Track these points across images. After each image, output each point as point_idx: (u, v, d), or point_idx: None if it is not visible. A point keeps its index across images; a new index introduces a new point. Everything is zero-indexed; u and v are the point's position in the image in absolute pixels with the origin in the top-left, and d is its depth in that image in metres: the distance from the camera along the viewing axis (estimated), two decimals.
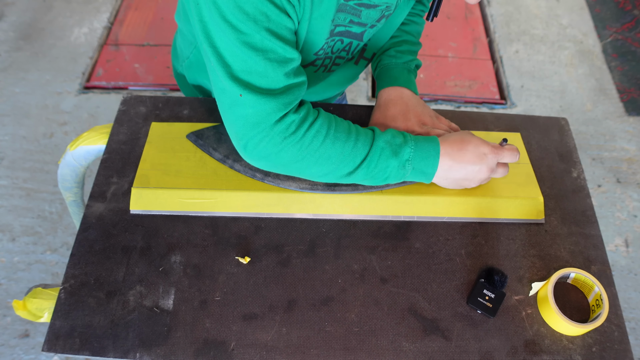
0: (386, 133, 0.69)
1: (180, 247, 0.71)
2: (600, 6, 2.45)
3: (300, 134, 0.64)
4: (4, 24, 2.23)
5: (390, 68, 0.83)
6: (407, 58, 0.84)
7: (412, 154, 0.68)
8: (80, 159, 0.87)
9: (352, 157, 0.66)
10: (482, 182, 0.74)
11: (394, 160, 0.67)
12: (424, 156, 0.69)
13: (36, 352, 1.40)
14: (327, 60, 0.79)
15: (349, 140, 0.66)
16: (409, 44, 0.87)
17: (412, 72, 0.84)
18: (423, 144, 0.69)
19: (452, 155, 0.70)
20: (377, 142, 0.67)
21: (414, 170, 0.69)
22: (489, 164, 0.71)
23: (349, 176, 0.68)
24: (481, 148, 0.70)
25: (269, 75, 0.61)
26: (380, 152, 0.67)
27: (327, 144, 0.65)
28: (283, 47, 0.61)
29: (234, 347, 0.63)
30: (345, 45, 0.77)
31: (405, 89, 0.80)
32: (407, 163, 0.68)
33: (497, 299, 0.67)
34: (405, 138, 0.69)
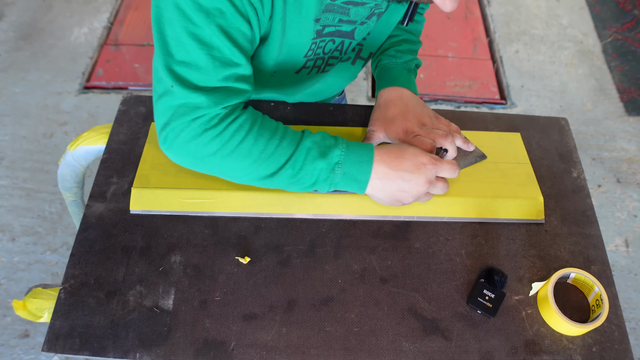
0: (316, 134, 0.66)
1: (180, 247, 0.71)
2: (600, 6, 2.45)
3: (221, 127, 0.61)
4: (4, 24, 2.23)
5: (390, 68, 0.83)
6: (407, 58, 0.84)
7: (343, 157, 0.64)
8: (80, 159, 0.87)
9: (276, 156, 0.63)
10: (420, 197, 0.68)
11: (322, 162, 0.64)
12: (356, 161, 0.64)
13: (36, 352, 1.40)
14: (319, 61, 0.79)
15: (273, 139, 0.63)
16: (408, 43, 0.86)
17: (412, 72, 0.84)
18: (356, 148, 0.66)
19: (388, 163, 0.65)
20: (304, 142, 0.64)
21: (344, 176, 0.65)
22: (428, 175, 0.66)
23: (272, 178, 0.64)
24: (420, 158, 0.66)
25: (208, 72, 0.60)
26: (306, 153, 0.63)
27: (248, 140, 0.62)
28: (231, 49, 0.60)
29: (234, 347, 0.63)
30: (337, 45, 0.77)
31: (405, 89, 0.80)
32: (336, 167, 0.64)
33: (497, 299, 0.67)
34: (336, 141, 0.65)
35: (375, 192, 0.67)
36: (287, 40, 0.68)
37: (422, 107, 0.79)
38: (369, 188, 0.67)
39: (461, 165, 0.79)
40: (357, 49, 0.84)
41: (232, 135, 0.62)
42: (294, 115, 0.85)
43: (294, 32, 0.67)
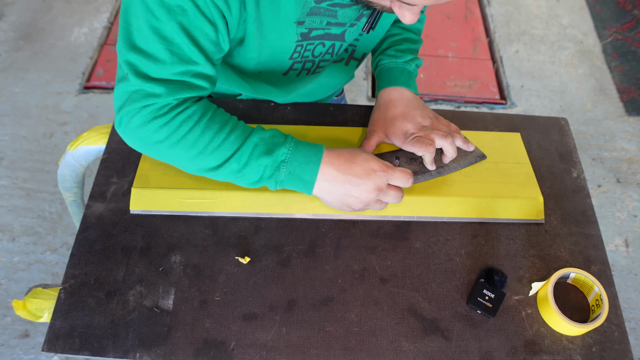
0: (267, 131, 0.65)
1: (180, 247, 0.71)
2: (600, 6, 2.45)
3: (169, 116, 0.62)
4: (4, 24, 2.23)
5: (390, 68, 0.82)
6: (408, 57, 0.84)
7: (289, 155, 0.64)
8: (80, 159, 0.87)
9: (222, 149, 0.63)
10: (369, 204, 0.67)
11: (267, 159, 0.63)
12: (303, 161, 0.64)
13: (36, 352, 1.40)
14: (308, 63, 0.78)
15: (221, 132, 0.63)
16: (408, 42, 0.85)
17: (413, 72, 0.83)
18: (305, 148, 0.65)
19: (337, 166, 0.64)
20: (251, 138, 0.64)
21: (290, 174, 0.64)
22: (377, 182, 0.65)
23: (217, 170, 0.64)
24: (370, 163, 0.65)
25: (164, 65, 0.61)
26: (253, 148, 0.63)
27: (196, 130, 0.63)
28: (190, 47, 0.60)
29: (234, 347, 0.63)
30: (327, 47, 0.77)
31: (406, 90, 0.80)
32: (282, 165, 0.64)
33: (497, 299, 0.67)
34: (286, 139, 0.65)
35: (323, 194, 0.67)
36: (267, 42, 0.68)
37: (423, 108, 0.79)
38: (317, 189, 0.66)
39: (461, 165, 0.79)
40: (351, 50, 0.83)
41: (179, 125, 0.63)
42: (294, 115, 0.85)
43: (275, 34, 0.67)
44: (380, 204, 0.68)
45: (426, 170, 0.77)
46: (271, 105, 0.86)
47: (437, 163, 0.78)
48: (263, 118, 0.85)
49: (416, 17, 0.57)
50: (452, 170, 0.78)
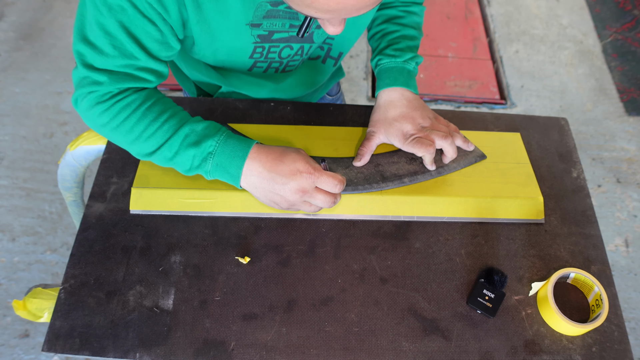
0: (201, 123, 0.68)
1: (180, 247, 0.71)
2: (600, 6, 2.45)
3: (109, 103, 0.67)
4: (4, 24, 2.23)
5: (390, 68, 0.82)
6: (407, 56, 0.83)
7: (217, 148, 0.66)
8: (80, 159, 0.87)
9: (155, 137, 0.67)
10: (296, 204, 0.67)
11: (195, 150, 0.66)
12: (230, 154, 0.66)
13: (36, 352, 1.40)
14: (275, 63, 0.78)
15: (156, 121, 0.67)
16: (407, 39, 0.84)
17: (413, 71, 0.83)
18: (234, 142, 0.66)
19: (264, 163, 0.65)
20: (183, 129, 0.66)
21: (217, 166, 0.66)
22: (302, 183, 0.64)
23: (152, 156, 0.68)
24: (298, 164, 0.65)
25: (108, 58, 0.64)
26: (183, 139, 0.66)
27: (132, 119, 0.67)
28: (131, 45, 0.64)
29: (233, 347, 0.63)
30: (296, 50, 0.76)
31: (405, 90, 0.80)
32: (209, 156, 0.66)
33: (497, 299, 0.67)
34: (217, 132, 0.67)
35: (250, 188, 0.68)
36: (220, 43, 0.70)
37: (422, 109, 0.79)
38: (244, 183, 0.67)
39: (461, 165, 0.79)
40: (326, 49, 0.83)
41: (118, 112, 0.67)
42: (294, 115, 0.85)
43: (226, 35, 0.69)
44: (309, 205, 0.68)
45: (426, 170, 0.77)
46: (271, 106, 0.86)
47: (437, 163, 0.78)
48: (263, 118, 0.85)
49: (338, 28, 0.55)
50: (452, 170, 0.78)
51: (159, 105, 0.69)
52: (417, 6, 0.87)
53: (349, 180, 0.75)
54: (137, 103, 0.68)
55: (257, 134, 0.81)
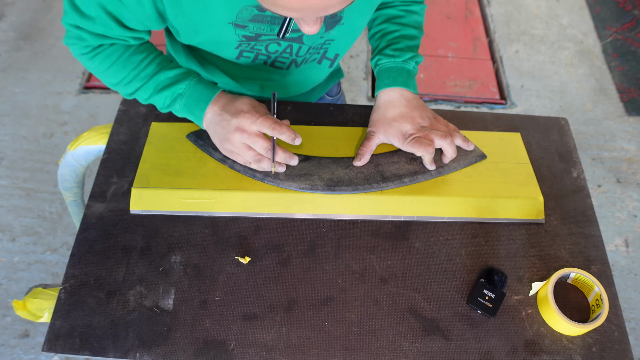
0: (174, 70, 0.75)
1: (180, 247, 0.71)
2: (600, 6, 2.45)
3: (92, 54, 0.75)
4: (4, 24, 2.23)
5: (389, 68, 0.82)
6: (406, 56, 0.82)
7: (186, 91, 0.74)
8: (80, 159, 0.87)
9: (133, 82, 0.75)
10: (241, 150, 0.72)
11: (167, 92, 0.74)
12: (197, 98, 0.73)
13: (36, 352, 1.40)
14: (262, 56, 0.79)
15: (135, 69, 0.75)
16: (407, 38, 0.84)
17: (412, 71, 0.83)
18: (202, 87, 0.74)
19: (220, 104, 0.72)
20: (157, 76, 0.74)
21: (185, 106, 0.74)
22: (242, 122, 0.70)
23: (133, 95, 0.77)
24: (243, 105, 0.71)
25: (90, 21, 0.69)
26: (156, 84, 0.75)
27: (114, 67, 0.75)
28: (109, 21, 0.68)
29: (234, 347, 0.63)
30: (284, 47, 0.76)
31: (405, 90, 0.79)
32: (178, 97, 0.74)
33: (497, 299, 0.67)
34: (188, 77, 0.74)
35: (210, 132, 0.75)
36: (204, 37, 0.73)
37: (422, 109, 0.79)
38: (205, 123, 0.74)
39: (461, 165, 0.79)
40: (322, 52, 0.82)
41: (100, 62, 0.75)
42: (294, 115, 0.85)
43: (210, 31, 0.71)
44: (251, 152, 0.72)
45: (426, 170, 0.77)
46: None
47: (437, 163, 0.78)
48: None
49: (313, 28, 0.55)
50: (452, 170, 0.78)
51: (137, 53, 0.75)
52: (418, 5, 0.87)
53: (349, 180, 0.75)
54: (116, 54, 0.75)
55: None
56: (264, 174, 0.75)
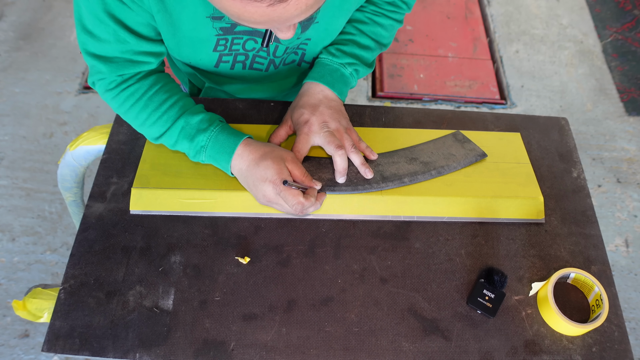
0: (197, 115, 0.72)
1: (180, 247, 0.71)
2: (600, 6, 2.45)
3: (116, 91, 0.73)
4: (4, 24, 2.23)
5: (324, 64, 0.79)
6: (346, 59, 0.79)
7: (208, 142, 0.72)
8: (80, 159, 0.87)
9: (157, 125, 0.73)
10: (268, 204, 0.70)
11: (189, 143, 0.72)
12: (219, 150, 0.71)
13: (36, 352, 1.40)
14: (240, 56, 0.78)
15: (158, 110, 0.73)
16: (356, 45, 0.80)
17: (347, 76, 0.79)
18: (224, 137, 0.71)
19: (246, 161, 0.70)
20: (179, 122, 0.72)
21: (211, 158, 0.72)
22: (267, 192, 0.68)
23: (159, 140, 0.75)
24: (268, 172, 0.68)
25: (104, 44, 0.68)
26: (180, 131, 0.72)
27: (136, 107, 0.73)
28: (121, 30, 0.67)
29: (233, 347, 0.63)
30: (260, 45, 0.76)
31: (327, 89, 0.78)
32: (202, 149, 0.72)
33: (497, 299, 0.67)
34: (210, 125, 0.72)
35: (240, 180, 0.73)
36: (183, 33, 0.72)
37: (337, 112, 0.77)
38: (235, 174, 0.73)
39: (461, 164, 0.79)
40: (300, 54, 0.82)
41: (125, 99, 0.74)
42: None
43: (188, 26, 0.71)
44: (286, 207, 0.69)
45: (426, 170, 0.77)
46: (271, 105, 0.86)
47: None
48: (263, 118, 0.85)
49: (287, 34, 0.56)
50: (452, 170, 0.78)
51: (161, 93, 0.73)
52: (385, 18, 0.83)
53: (349, 180, 0.75)
54: (141, 92, 0.73)
55: (257, 134, 0.81)
56: None
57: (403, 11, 0.84)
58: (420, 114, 0.88)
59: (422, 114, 0.88)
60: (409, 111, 0.88)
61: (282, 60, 0.82)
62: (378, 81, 2.10)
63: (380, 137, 0.83)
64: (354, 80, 0.81)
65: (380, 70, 2.14)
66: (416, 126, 0.86)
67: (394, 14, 0.83)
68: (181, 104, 0.74)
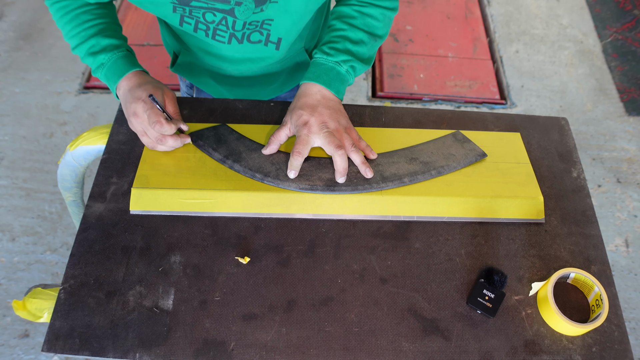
0: (109, 39, 0.80)
1: (180, 247, 0.71)
2: (600, 6, 2.45)
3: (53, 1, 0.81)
4: (4, 24, 2.23)
5: (320, 64, 0.79)
6: (341, 57, 0.78)
7: (107, 62, 0.79)
8: (80, 159, 0.87)
9: (74, 39, 0.81)
10: (135, 124, 0.77)
11: (92, 59, 0.80)
12: (114, 72, 0.79)
13: (36, 352, 1.40)
14: (201, 25, 0.79)
15: (79, 27, 0.80)
16: (349, 41, 0.78)
17: (343, 74, 0.78)
18: (121, 62, 0.80)
19: (126, 89, 0.78)
20: (91, 40, 0.80)
21: (105, 77, 0.80)
22: (136, 109, 0.75)
23: (73, 51, 0.82)
24: (144, 94, 0.76)
25: None
26: (88, 48, 0.80)
27: (65, 18, 0.81)
28: None
29: (233, 347, 0.63)
30: (219, 19, 0.76)
31: (324, 88, 0.77)
32: (101, 67, 0.79)
33: (497, 299, 0.67)
34: (115, 49, 0.80)
35: (121, 103, 0.80)
36: None
37: (336, 112, 0.76)
38: (120, 95, 0.80)
39: (461, 164, 0.79)
40: (265, 34, 0.81)
41: (57, 9, 0.81)
42: None
43: None
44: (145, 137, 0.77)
45: (426, 170, 0.77)
46: (271, 105, 0.86)
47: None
48: (263, 118, 0.85)
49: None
50: (452, 170, 0.78)
51: (88, 14, 0.80)
52: (376, 8, 0.80)
53: (349, 180, 0.75)
54: (71, 7, 0.80)
55: (257, 134, 0.81)
56: (264, 174, 0.75)
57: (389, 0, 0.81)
58: (420, 114, 0.88)
59: (422, 114, 0.88)
60: (409, 111, 0.88)
61: (244, 36, 0.81)
62: (378, 81, 2.10)
63: (380, 137, 0.83)
64: (351, 77, 0.80)
65: (380, 70, 2.14)
66: (416, 126, 0.86)
67: (383, 1, 0.80)
68: (101, 27, 0.81)
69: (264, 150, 0.77)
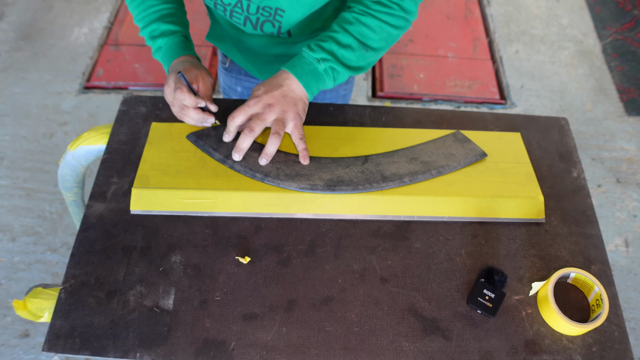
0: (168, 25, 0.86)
1: (180, 247, 0.71)
2: (600, 6, 2.45)
3: None
4: (4, 24, 2.24)
5: (300, 57, 0.78)
6: (321, 55, 0.77)
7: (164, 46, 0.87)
8: (80, 159, 0.87)
9: (139, 22, 0.87)
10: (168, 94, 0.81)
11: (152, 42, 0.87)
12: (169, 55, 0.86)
13: (36, 352, 1.40)
14: (219, 5, 0.83)
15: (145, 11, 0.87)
16: (337, 43, 0.77)
17: (320, 72, 0.77)
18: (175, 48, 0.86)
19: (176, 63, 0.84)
20: (152, 25, 0.86)
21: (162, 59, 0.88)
22: (169, 81, 0.81)
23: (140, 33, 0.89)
24: (176, 68, 0.82)
25: None
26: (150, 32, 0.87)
27: (135, 2, 0.87)
28: None
29: (234, 347, 0.63)
30: (235, 1, 0.79)
31: (294, 79, 0.77)
32: (159, 49, 0.87)
33: (497, 298, 0.67)
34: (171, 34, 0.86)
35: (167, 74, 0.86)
36: None
37: (291, 103, 0.76)
38: (168, 69, 0.85)
39: (461, 164, 0.79)
40: (277, 26, 0.82)
41: None
42: None
43: None
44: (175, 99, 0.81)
45: (426, 169, 0.77)
46: None
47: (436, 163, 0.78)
48: None
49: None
50: (452, 170, 0.78)
51: (154, 0, 0.86)
52: (375, 20, 0.78)
53: (349, 180, 0.75)
54: None
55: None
56: (264, 174, 0.75)
57: (396, 13, 0.78)
58: (420, 114, 0.88)
59: (422, 114, 0.88)
60: (409, 111, 0.88)
61: (258, 22, 0.83)
62: (378, 81, 2.10)
63: (381, 137, 0.83)
64: (328, 77, 0.78)
65: (380, 70, 2.14)
66: (416, 126, 0.86)
67: (385, 15, 0.78)
68: (163, 13, 0.86)
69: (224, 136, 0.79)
